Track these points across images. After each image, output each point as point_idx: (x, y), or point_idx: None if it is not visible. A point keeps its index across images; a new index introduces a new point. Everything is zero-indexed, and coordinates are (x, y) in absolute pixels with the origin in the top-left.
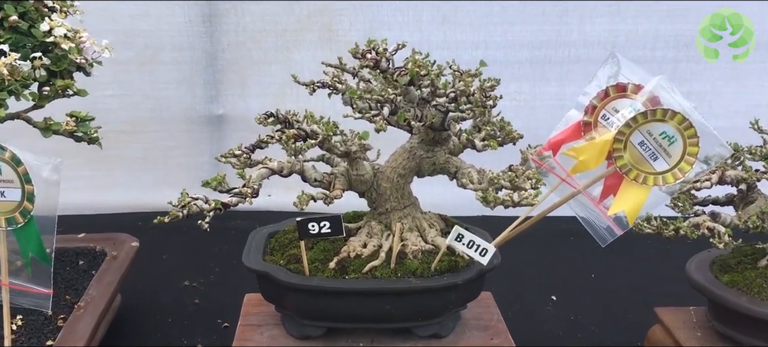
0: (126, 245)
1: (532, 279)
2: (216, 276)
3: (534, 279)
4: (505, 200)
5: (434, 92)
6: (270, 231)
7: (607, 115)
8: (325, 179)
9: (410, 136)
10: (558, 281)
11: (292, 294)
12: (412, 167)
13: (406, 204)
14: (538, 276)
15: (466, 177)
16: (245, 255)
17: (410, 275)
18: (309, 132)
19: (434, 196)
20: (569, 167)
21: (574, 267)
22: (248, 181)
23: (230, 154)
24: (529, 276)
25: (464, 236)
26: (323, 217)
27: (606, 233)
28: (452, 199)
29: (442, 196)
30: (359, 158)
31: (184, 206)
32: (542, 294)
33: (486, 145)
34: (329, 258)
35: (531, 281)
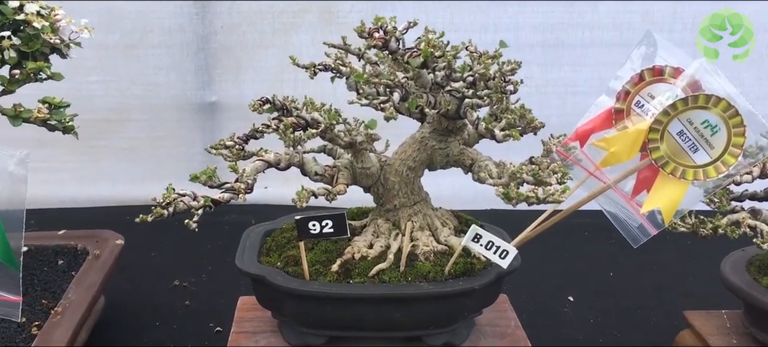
0: (110, 242)
1: (546, 277)
2: (208, 275)
3: (548, 277)
4: (529, 196)
5: (449, 76)
6: (266, 229)
7: (641, 101)
8: (326, 172)
9: (421, 125)
10: (574, 280)
11: (291, 299)
12: (423, 159)
13: (417, 200)
14: (552, 275)
15: (483, 171)
16: (239, 256)
17: (422, 279)
18: (309, 120)
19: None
20: (598, 159)
21: (590, 264)
22: (241, 175)
23: (221, 145)
24: (543, 275)
25: (482, 236)
26: (325, 215)
27: (638, 233)
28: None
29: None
30: (365, 150)
31: (169, 203)
32: (558, 294)
33: (507, 135)
34: (332, 260)
35: (545, 280)
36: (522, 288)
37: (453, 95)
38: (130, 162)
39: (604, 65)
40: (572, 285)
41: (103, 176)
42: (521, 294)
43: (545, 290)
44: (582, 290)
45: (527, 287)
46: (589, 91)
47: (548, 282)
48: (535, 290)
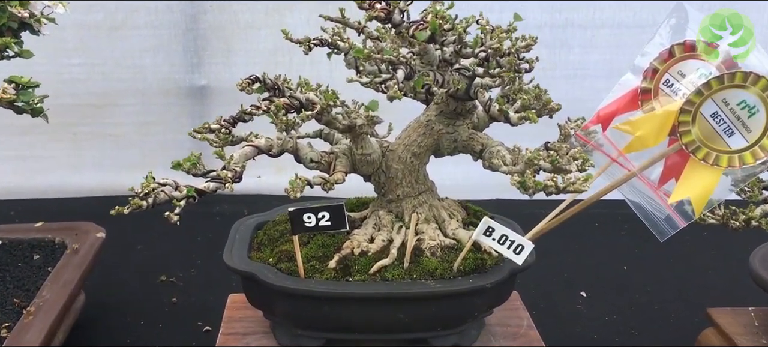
0: (90, 236)
1: (556, 271)
2: (197, 269)
3: (559, 271)
4: (548, 185)
5: (459, 52)
6: (258, 221)
7: (670, 80)
8: (323, 159)
9: (426, 107)
10: (586, 273)
11: (284, 299)
12: (428, 144)
13: (422, 190)
14: (563, 268)
15: (496, 157)
16: (227, 251)
17: (428, 276)
18: (303, 102)
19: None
20: (622, 144)
21: (602, 256)
22: (228, 162)
23: (205, 128)
24: (554, 268)
25: (495, 229)
26: (321, 206)
27: (665, 225)
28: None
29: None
30: (365, 134)
31: (148, 193)
32: (570, 289)
33: (522, 118)
34: (329, 256)
35: (556, 274)
36: (531, 283)
37: (462, 74)
38: (116, 150)
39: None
40: (584, 279)
41: (87, 165)
42: (531, 289)
43: (556, 284)
44: (595, 284)
45: (537, 281)
46: (599, 74)
47: (559, 276)
48: (546, 284)
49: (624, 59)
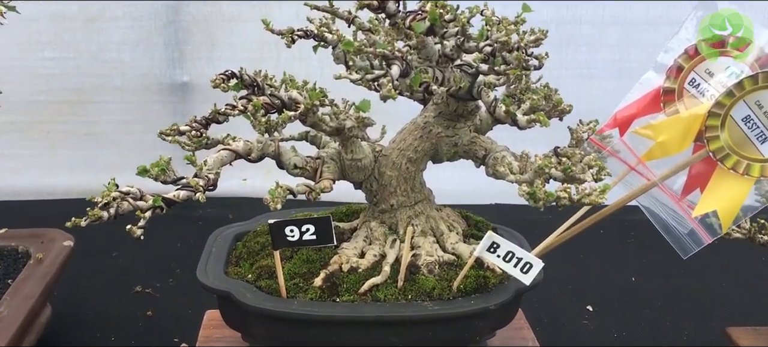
0: (56, 244)
1: (560, 283)
2: (176, 279)
3: (562, 283)
4: (561, 197)
5: (461, 46)
6: (237, 231)
7: (697, 80)
8: (308, 165)
9: (423, 108)
10: (592, 285)
11: (263, 322)
12: (426, 149)
13: (418, 199)
14: (566, 280)
15: (501, 164)
16: (202, 267)
17: (425, 297)
18: (286, 101)
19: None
20: (642, 150)
21: (608, 266)
22: (201, 169)
23: (174, 130)
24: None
25: (500, 245)
26: (306, 218)
27: (689, 241)
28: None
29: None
30: (355, 137)
31: (107, 204)
32: (575, 302)
33: (532, 120)
34: (315, 272)
35: (559, 286)
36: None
37: (464, 71)
38: (92, 150)
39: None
40: (590, 291)
41: (61, 166)
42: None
43: (560, 297)
44: (602, 298)
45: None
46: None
47: (563, 288)
48: (549, 297)
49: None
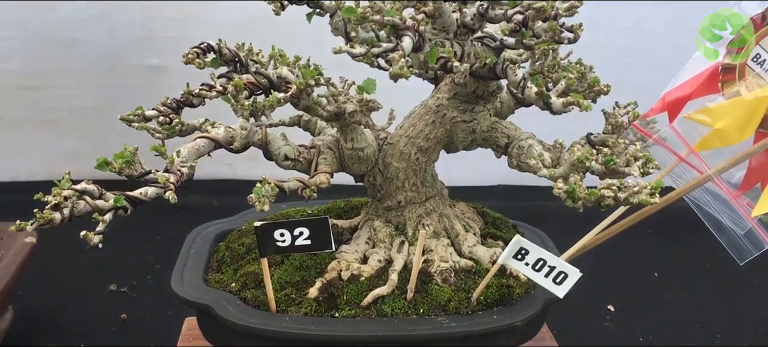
0: (17, 241)
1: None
2: (155, 276)
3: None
4: (606, 196)
5: (484, 14)
6: (219, 230)
7: (762, 55)
8: (301, 155)
9: (434, 88)
10: (612, 283)
11: (249, 341)
12: (438, 136)
13: (430, 194)
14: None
15: (529, 155)
16: (177, 274)
17: (439, 311)
18: (274, 80)
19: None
20: (695, 138)
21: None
22: (172, 161)
23: (137, 115)
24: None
25: (529, 251)
26: (299, 220)
27: (746, 243)
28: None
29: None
30: (357, 123)
31: (58, 204)
32: (595, 302)
33: (569, 103)
34: (309, 281)
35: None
36: None
37: (486, 45)
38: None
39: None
40: (610, 289)
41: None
42: None
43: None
44: (623, 296)
45: None
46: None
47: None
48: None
49: None
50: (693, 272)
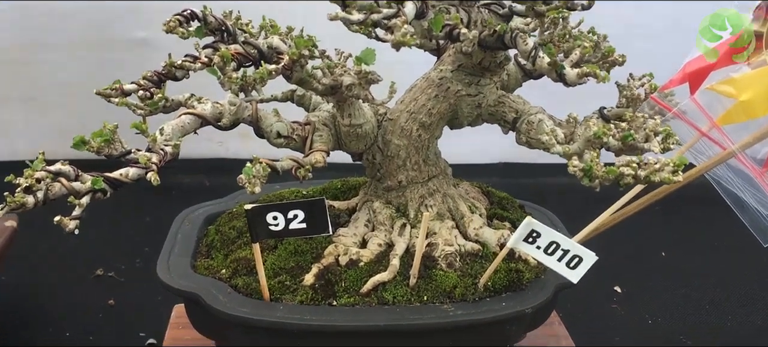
0: None
1: None
2: (144, 260)
3: None
4: (625, 173)
5: None
6: (209, 212)
7: None
8: (295, 132)
9: (437, 60)
10: (618, 262)
11: (241, 332)
12: (442, 111)
13: (433, 173)
14: None
15: (540, 130)
16: (163, 259)
17: (444, 298)
18: (265, 51)
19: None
20: (718, 111)
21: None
22: (154, 140)
23: (116, 90)
24: None
25: (541, 234)
26: (294, 202)
27: None
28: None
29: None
30: (355, 98)
31: (31, 187)
32: (601, 283)
33: (584, 74)
34: (305, 267)
35: None
36: None
37: (494, 11)
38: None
39: None
40: (616, 269)
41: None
42: None
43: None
44: (630, 276)
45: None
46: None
47: None
48: None
49: None
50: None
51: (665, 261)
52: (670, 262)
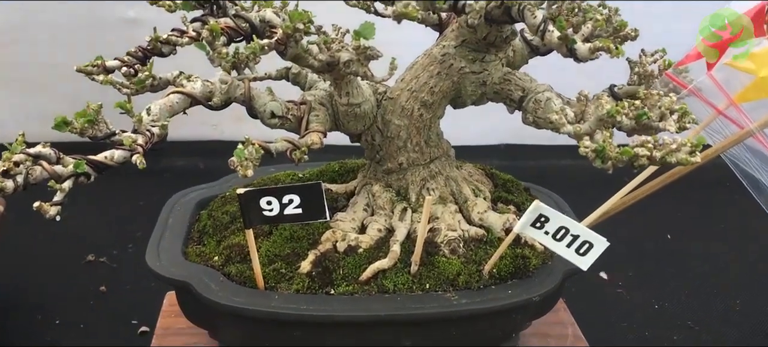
0: None
1: None
2: (136, 245)
3: None
4: (640, 155)
5: None
6: (201, 197)
7: None
8: (290, 112)
9: (439, 36)
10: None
11: (234, 322)
12: (444, 89)
13: (435, 155)
14: None
15: (549, 110)
16: (153, 245)
17: (448, 286)
18: (257, 25)
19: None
20: (736, 88)
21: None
22: (139, 121)
23: (98, 66)
24: None
25: (549, 219)
26: (289, 186)
27: None
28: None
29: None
30: (353, 75)
31: (9, 171)
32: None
33: (596, 49)
34: (301, 254)
35: None
36: None
37: None
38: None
39: None
40: (621, 252)
41: None
42: None
43: None
44: (634, 261)
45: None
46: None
47: None
48: None
49: None
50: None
51: (671, 244)
52: (676, 245)
